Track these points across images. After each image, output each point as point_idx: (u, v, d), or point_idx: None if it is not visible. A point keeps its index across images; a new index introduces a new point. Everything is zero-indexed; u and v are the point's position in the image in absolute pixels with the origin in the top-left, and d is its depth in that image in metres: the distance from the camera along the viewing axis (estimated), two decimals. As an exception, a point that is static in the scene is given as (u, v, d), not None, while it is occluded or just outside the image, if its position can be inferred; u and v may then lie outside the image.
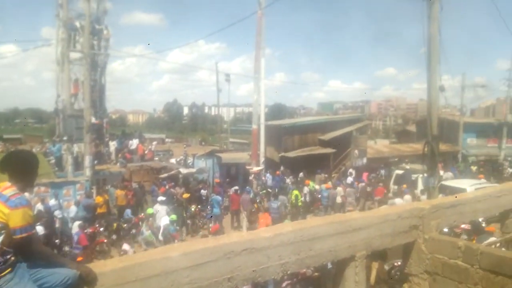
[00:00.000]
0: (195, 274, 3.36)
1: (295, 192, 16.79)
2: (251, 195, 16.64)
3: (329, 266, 6.34)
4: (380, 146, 36.56)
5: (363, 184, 19.27)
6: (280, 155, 25.53)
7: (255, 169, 22.63)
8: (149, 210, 13.25)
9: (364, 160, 26.85)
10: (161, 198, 14.47)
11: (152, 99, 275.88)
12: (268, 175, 22.14)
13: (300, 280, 8.19)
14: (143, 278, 3.07)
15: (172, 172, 20.57)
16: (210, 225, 14.87)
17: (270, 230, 4.15)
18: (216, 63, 37.55)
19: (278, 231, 4.06)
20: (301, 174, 21.69)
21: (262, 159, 24.26)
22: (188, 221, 15.15)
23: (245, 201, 15.40)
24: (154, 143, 34.14)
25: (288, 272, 4.10)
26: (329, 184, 18.44)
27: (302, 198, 17.17)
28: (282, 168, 23.53)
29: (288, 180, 21.27)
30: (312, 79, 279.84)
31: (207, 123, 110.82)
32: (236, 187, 16.74)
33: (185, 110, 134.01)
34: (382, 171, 24.78)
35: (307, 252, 4.17)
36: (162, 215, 13.15)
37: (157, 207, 13.58)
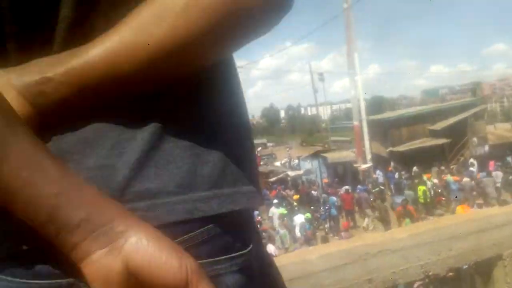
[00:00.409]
0: (334, 276, 3.44)
1: (422, 187, 15.76)
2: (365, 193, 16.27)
3: (464, 266, 5.93)
4: (502, 130, 32.63)
5: (500, 173, 17.50)
6: (388, 150, 24.44)
7: (363, 166, 22.04)
8: (283, 211, 13.92)
9: (486, 148, 24.22)
10: (275, 201, 15.07)
11: (250, 106, 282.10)
12: (378, 171, 21.36)
13: (433, 280, 7.78)
14: (287, 280, 3.26)
15: (280, 175, 21.13)
16: (326, 225, 14.92)
17: (403, 231, 4.06)
18: (309, 64, 37.92)
19: (412, 231, 3.94)
20: (415, 168, 20.47)
21: (368, 156, 23.51)
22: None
23: (361, 199, 15.12)
24: (259, 148, 35.37)
25: (430, 274, 3.97)
26: (455, 177, 17.15)
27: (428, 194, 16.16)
28: (392, 163, 22.50)
29: (402, 176, 20.25)
30: (410, 66, 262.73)
31: (305, 124, 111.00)
32: (347, 187, 16.51)
33: (282, 113, 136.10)
34: (509, 158, 22.17)
35: (447, 252, 3.96)
36: (277, 217, 13.70)
37: (273, 209, 14.13)
